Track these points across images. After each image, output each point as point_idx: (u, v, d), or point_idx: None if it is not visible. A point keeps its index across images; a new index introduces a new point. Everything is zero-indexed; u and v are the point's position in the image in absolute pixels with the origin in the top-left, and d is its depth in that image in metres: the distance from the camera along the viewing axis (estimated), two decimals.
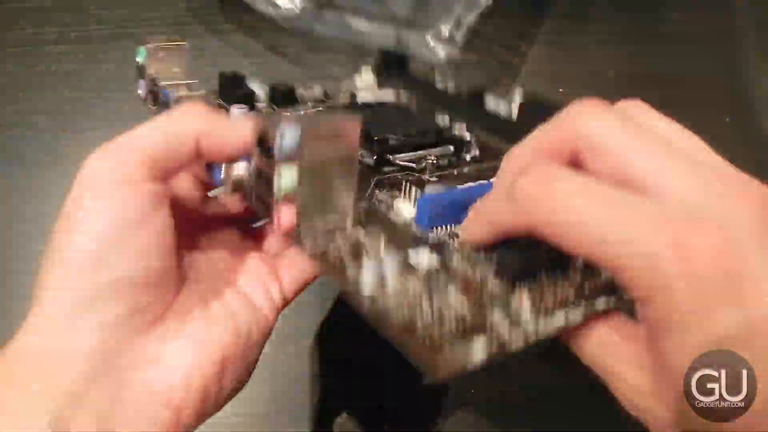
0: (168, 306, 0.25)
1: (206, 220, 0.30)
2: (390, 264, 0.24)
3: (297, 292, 0.30)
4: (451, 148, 0.32)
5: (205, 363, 0.25)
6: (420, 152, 0.32)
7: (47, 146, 0.48)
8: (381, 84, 0.38)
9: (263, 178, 0.25)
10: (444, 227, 0.26)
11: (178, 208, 0.26)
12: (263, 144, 0.25)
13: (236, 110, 0.32)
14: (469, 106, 0.35)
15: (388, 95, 0.38)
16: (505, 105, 0.34)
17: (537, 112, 0.28)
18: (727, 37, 0.51)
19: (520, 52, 0.50)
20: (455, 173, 0.31)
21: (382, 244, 0.25)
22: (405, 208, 0.28)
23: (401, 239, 0.26)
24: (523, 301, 0.22)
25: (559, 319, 0.22)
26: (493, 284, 0.23)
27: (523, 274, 0.23)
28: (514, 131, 0.26)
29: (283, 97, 0.35)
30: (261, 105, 0.35)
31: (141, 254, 0.24)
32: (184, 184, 0.29)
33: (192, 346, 0.25)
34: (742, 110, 0.49)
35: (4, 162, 0.48)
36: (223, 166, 0.27)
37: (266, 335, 0.28)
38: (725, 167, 0.22)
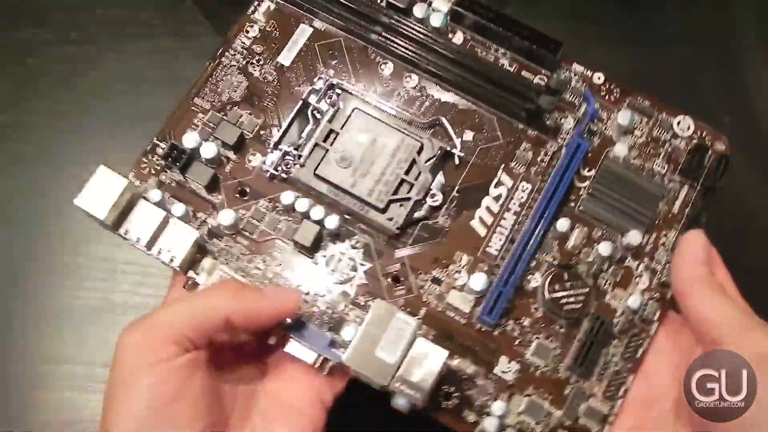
0: None
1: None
2: None
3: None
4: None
5: None
6: None
7: (47, 146, 0.48)
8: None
9: None
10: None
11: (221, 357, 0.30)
12: None
13: None
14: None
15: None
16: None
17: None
18: (727, 37, 0.51)
19: None
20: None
21: None
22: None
23: None
24: None
25: None
26: None
27: None
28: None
29: None
30: None
31: (180, 424, 0.27)
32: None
33: None
34: (742, 110, 0.49)
35: (4, 162, 0.48)
36: None
37: None
38: None
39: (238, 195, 0.34)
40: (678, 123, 0.36)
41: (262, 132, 0.35)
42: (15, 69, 0.49)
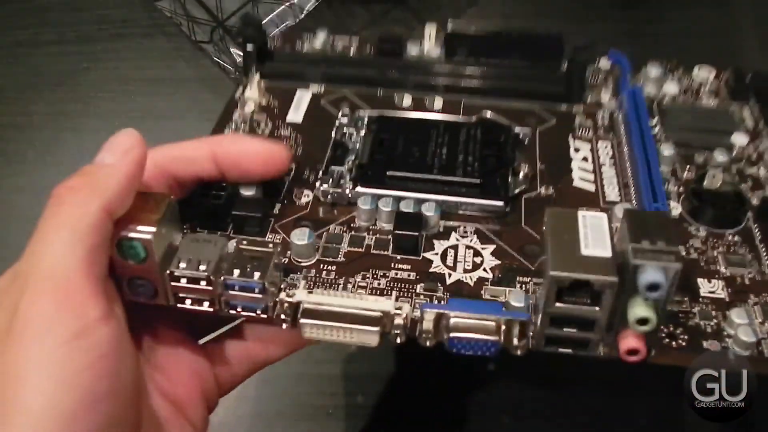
0: None
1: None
2: None
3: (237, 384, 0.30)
4: None
5: None
6: None
7: (47, 146, 0.48)
8: None
9: None
10: None
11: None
12: None
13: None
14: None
15: None
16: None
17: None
18: (726, 37, 0.51)
19: None
20: None
21: None
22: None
23: None
24: None
25: None
26: None
27: None
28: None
29: None
30: None
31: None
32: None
33: None
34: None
35: (4, 162, 0.48)
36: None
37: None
38: None
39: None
40: (698, 70, 0.39)
41: (302, 175, 0.31)
42: (15, 69, 0.50)
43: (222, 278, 0.25)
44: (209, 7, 0.45)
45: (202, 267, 0.25)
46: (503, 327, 0.24)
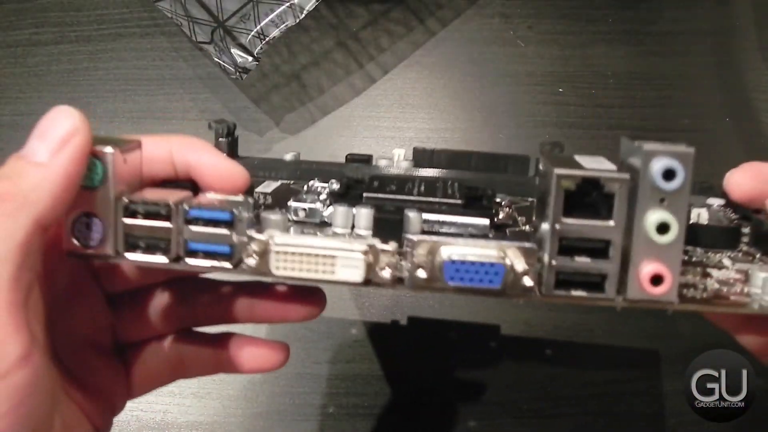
0: None
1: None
2: None
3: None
4: None
5: None
6: None
7: None
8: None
9: None
10: None
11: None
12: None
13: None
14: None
15: None
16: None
17: None
18: (727, 36, 0.51)
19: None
20: None
21: None
22: None
23: None
24: None
25: None
26: None
27: None
28: None
29: None
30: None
31: None
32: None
33: None
34: (742, 110, 0.49)
35: (3, 162, 0.48)
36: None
37: None
38: None
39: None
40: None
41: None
42: (15, 69, 0.49)
43: (185, 206, 0.22)
44: (209, 8, 0.45)
45: (164, 200, 0.22)
46: (507, 256, 0.21)
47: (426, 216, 0.23)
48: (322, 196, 0.26)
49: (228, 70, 0.45)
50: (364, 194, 0.25)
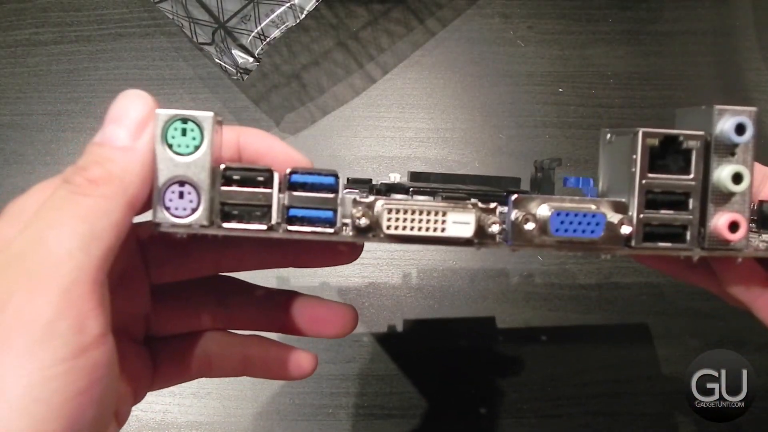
0: None
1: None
2: None
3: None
4: None
5: None
6: None
7: (47, 146, 0.48)
8: None
9: None
10: None
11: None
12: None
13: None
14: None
15: None
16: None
17: None
18: (727, 36, 0.51)
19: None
20: None
21: None
22: None
23: None
24: None
25: None
26: None
27: None
28: None
29: None
30: None
31: None
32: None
33: None
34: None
35: (3, 162, 0.48)
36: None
37: None
38: None
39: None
40: None
41: None
42: (15, 69, 0.49)
43: (288, 172, 0.21)
44: (210, 9, 0.45)
45: (265, 165, 0.21)
46: (603, 210, 0.23)
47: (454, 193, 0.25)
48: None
49: (229, 71, 0.45)
50: (411, 188, 0.26)
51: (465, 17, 0.50)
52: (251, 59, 0.44)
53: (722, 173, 0.22)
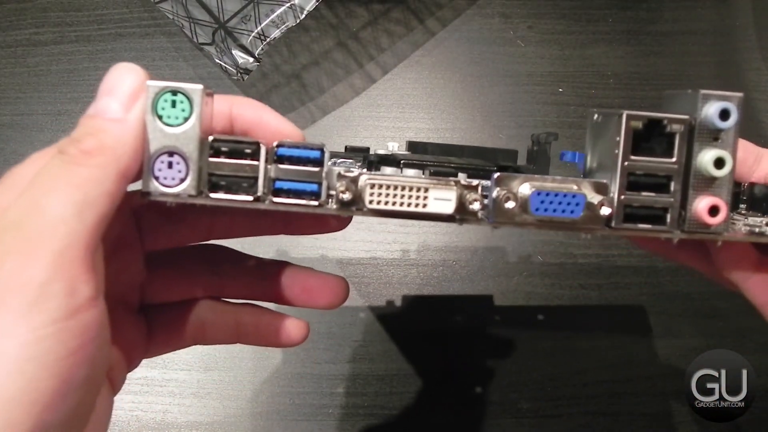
0: None
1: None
2: None
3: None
4: None
5: None
6: None
7: (47, 146, 0.48)
8: None
9: None
10: None
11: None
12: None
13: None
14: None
15: None
16: None
17: None
18: (726, 36, 0.51)
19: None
20: None
21: None
22: None
23: None
24: None
25: None
26: None
27: None
28: None
29: None
30: None
31: None
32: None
33: None
34: (741, 110, 0.49)
35: (3, 162, 0.48)
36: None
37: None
38: None
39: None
40: None
41: None
42: (15, 69, 0.49)
43: (274, 145, 0.22)
44: (210, 9, 0.45)
45: (252, 138, 0.22)
46: (585, 190, 0.23)
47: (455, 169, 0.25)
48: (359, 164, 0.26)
49: (229, 71, 0.45)
50: (402, 161, 0.26)
51: (465, 17, 0.50)
52: (251, 59, 0.44)
53: (705, 157, 0.22)
